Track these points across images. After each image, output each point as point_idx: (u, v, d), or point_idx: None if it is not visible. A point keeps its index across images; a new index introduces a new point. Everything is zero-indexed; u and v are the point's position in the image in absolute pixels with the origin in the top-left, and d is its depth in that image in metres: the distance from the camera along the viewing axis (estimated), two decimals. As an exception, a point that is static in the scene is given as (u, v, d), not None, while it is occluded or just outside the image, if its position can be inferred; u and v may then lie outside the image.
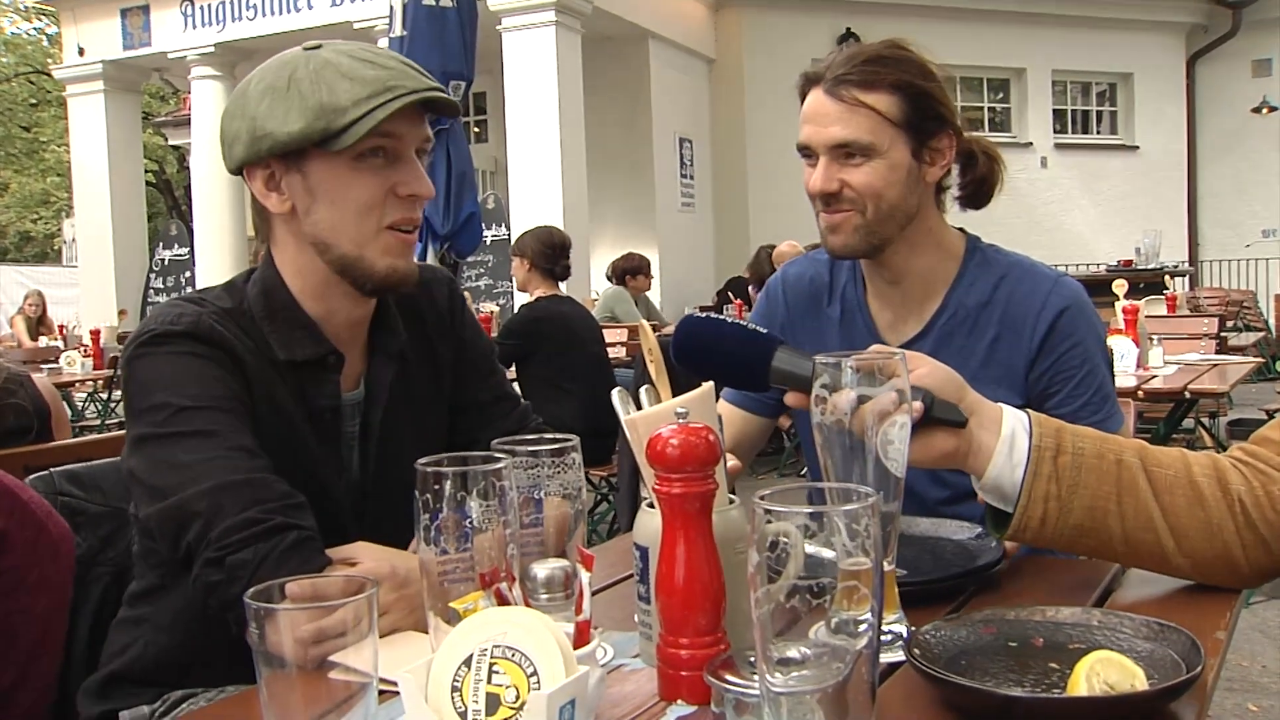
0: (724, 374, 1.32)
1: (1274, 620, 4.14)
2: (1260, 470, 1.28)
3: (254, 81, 1.45)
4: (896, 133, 1.72)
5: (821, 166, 1.75)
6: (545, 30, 11.03)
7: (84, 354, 8.18)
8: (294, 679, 0.85)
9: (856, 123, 1.71)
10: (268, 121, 1.40)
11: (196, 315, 1.42)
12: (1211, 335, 5.94)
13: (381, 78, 1.40)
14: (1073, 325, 1.77)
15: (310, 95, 1.39)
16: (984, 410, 1.25)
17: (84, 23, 14.02)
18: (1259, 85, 15.93)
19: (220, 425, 1.35)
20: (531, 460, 1.12)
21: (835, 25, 14.40)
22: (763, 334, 1.27)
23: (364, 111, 1.38)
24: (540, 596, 1.06)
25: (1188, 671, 0.96)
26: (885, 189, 1.72)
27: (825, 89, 1.74)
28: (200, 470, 1.30)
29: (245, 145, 1.43)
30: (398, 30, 5.29)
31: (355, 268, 1.45)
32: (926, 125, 1.74)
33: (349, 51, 1.44)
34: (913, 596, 1.24)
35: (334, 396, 1.50)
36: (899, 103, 1.71)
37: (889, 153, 1.72)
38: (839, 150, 1.73)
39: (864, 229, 1.74)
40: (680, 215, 13.53)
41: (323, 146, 1.40)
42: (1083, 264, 13.14)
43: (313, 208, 1.44)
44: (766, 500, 0.82)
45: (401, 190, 1.44)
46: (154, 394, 1.36)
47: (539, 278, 5.13)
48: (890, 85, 1.71)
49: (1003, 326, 1.79)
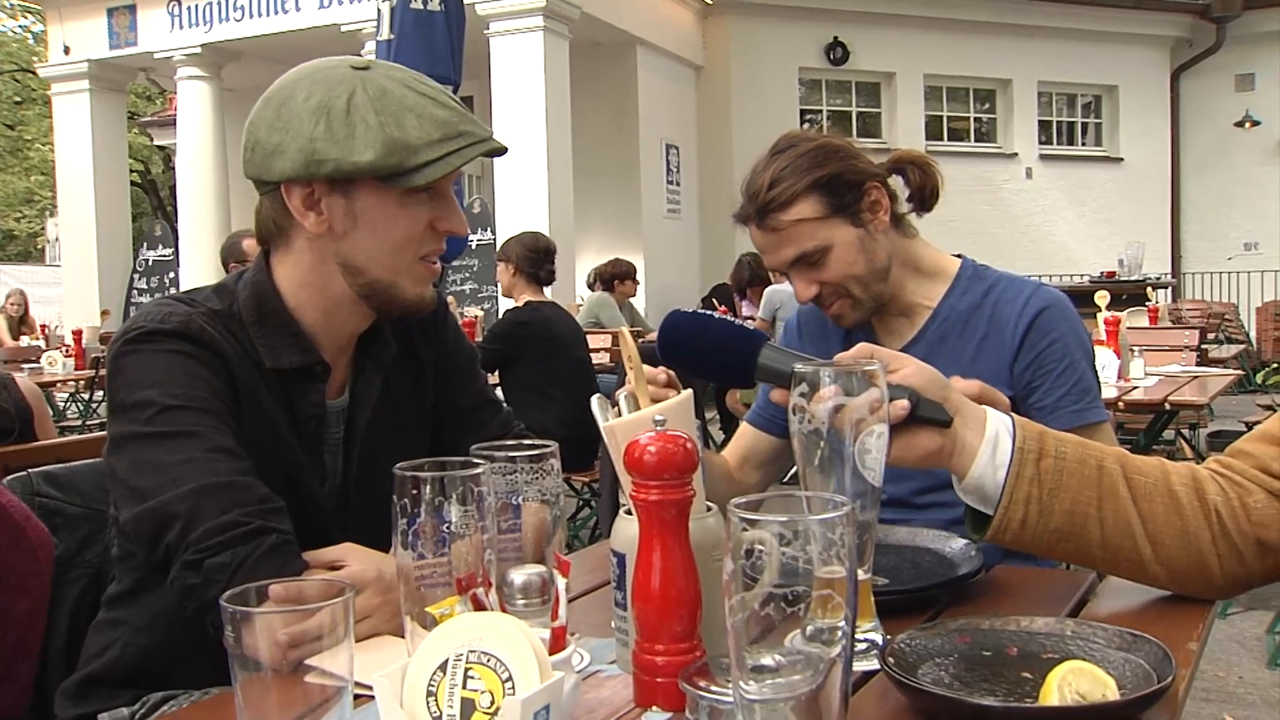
0: (709, 370, 1.33)
1: (1251, 632, 4.17)
2: (1236, 482, 1.29)
3: (300, 95, 1.39)
4: (831, 222, 1.86)
5: (796, 282, 1.93)
6: (533, 35, 11.04)
7: (66, 354, 8.13)
8: (269, 682, 0.85)
9: (794, 238, 1.86)
10: (330, 147, 1.37)
11: (187, 315, 1.41)
12: (1192, 347, 5.97)
13: (451, 121, 1.41)
14: (1052, 323, 1.88)
15: (377, 127, 1.37)
16: (968, 411, 1.26)
17: (70, 21, 13.97)
18: (1242, 99, 16.04)
19: (204, 426, 1.35)
20: (510, 466, 1.12)
21: (822, 34, 14.46)
22: (749, 330, 1.28)
23: (438, 155, 1.39)
24: (517, 602, 1.06)
25: (1159, 682, 0.97)
26: (853, 268, 1.88)
27: (756, 225, 1.90)
28: (182, 472, 1.30)
29: (295, 164, 1.38)
30: (385, 34, 5.29)
31: (385, 294, 1.47)
32: (848, 197, 1.87)
33: (403, 80, 1.43)
34: (889, 605, 1.24)
35: (319, 405, 1.50)
36: (817, 200, 1.85)
37: (837, 241, 1.86)
38: (799, 263, 1.89)
39: (859, 305, 1.92)
40: (666, 222, 13.55)
41: (386, 182, 1.40)
42: (1067, 275, 13.22)
43: (352, 233, 1.43)
44: (742, 508, 0.82)
45: (441, 226, 1.47)
46: (139, 391, 1.36)
47: (524, 283, 5.13)
48: (801, 193, 1.84)
49: (990, 327, 1.90)
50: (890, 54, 14.64)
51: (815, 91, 15.08)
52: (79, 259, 14.18)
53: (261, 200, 1.48)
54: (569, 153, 11.45)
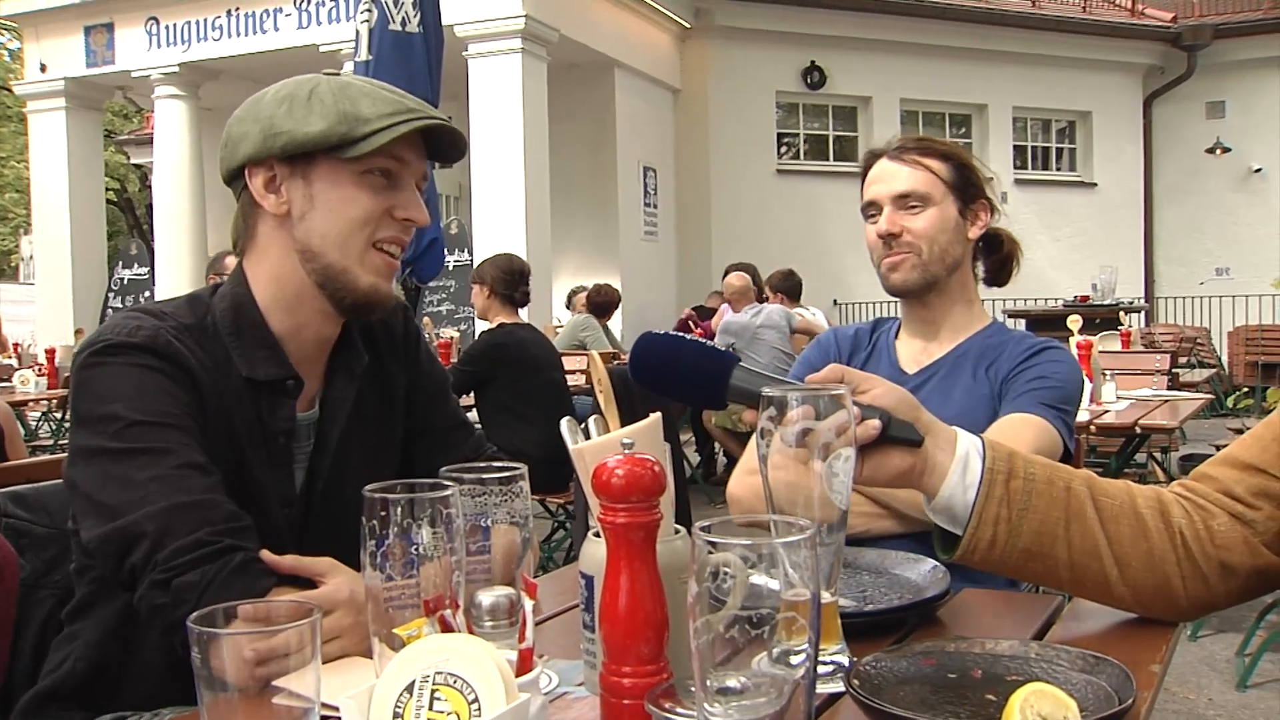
0: (682, 391, 1.34)
1: (1220, 654, 4.19)
2: (1200, 505, 1.31)
3: (270, 92, 1.48)
4: (947, 190, 2.05)
5: (886, 214, 2.06)
6: (511, 58, 11.09)
7: (39, 373, 8.07)
8: (236, 703, 0.85)
9: (916, 177, 2.05)
10: (285, 122, 1.43)
11: (155, 329, 1.41)
12: (1164, 371, 6.02)
13: (403, 102, 1.47)
14: (1049, 356, 2.04)
15: (333, 104, 1.43)
16: (939, 431, 1.27)
17: (46, 39, 13.93)
18: (1213, 127, 16.25)
19: (172, 442, 1.34)
20: (479, 488, 1.13)
21: (800, 58, 14.57)
22: (720, 351, 1.29)
23: (386, 124, 1.43)
24: (484, 624, 1.06)
25: (1120, 703, 0.98)
26: (938, 234, 2.04)
27: (889, 156, 2.09)
28: (151, 489, 1.30)
29: (254, 142, 1.44)
30: (364, 55, 5.28)
31: (338, 280, 1.47)
32: (969, 190, 2.08)
33: (370, 81, 1.50)
34: (856, 628, 1.25)
35: (289, 419, 1.50)
36: (949, 168, 2.06)
37: (941, 205, 2.05)
38: (901, 200, 2.05)
39: (920, 268, 2.06)
40: (643, 244, 13.59)
41: (336, 152, 1.43)
42: (1041, 299, 13.29)
43: (309, 214, 1.46)
44: (708, 531, 0.83)
45: (399, 213, 1.48)
46: (106, 405, 1.35)
47: (499, 305, 5.14)
48: (941, 154, 2.07)
49: (997, 353, 2.08)
50: (867, 78, 14.76)
51: (793, 115, 15.18)
52: (53, 277, 14.09)
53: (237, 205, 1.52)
54: (547, 174, 11.48)
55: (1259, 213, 16.21)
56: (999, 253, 2.17)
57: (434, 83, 5.26)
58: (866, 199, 2.10)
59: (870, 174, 2.11)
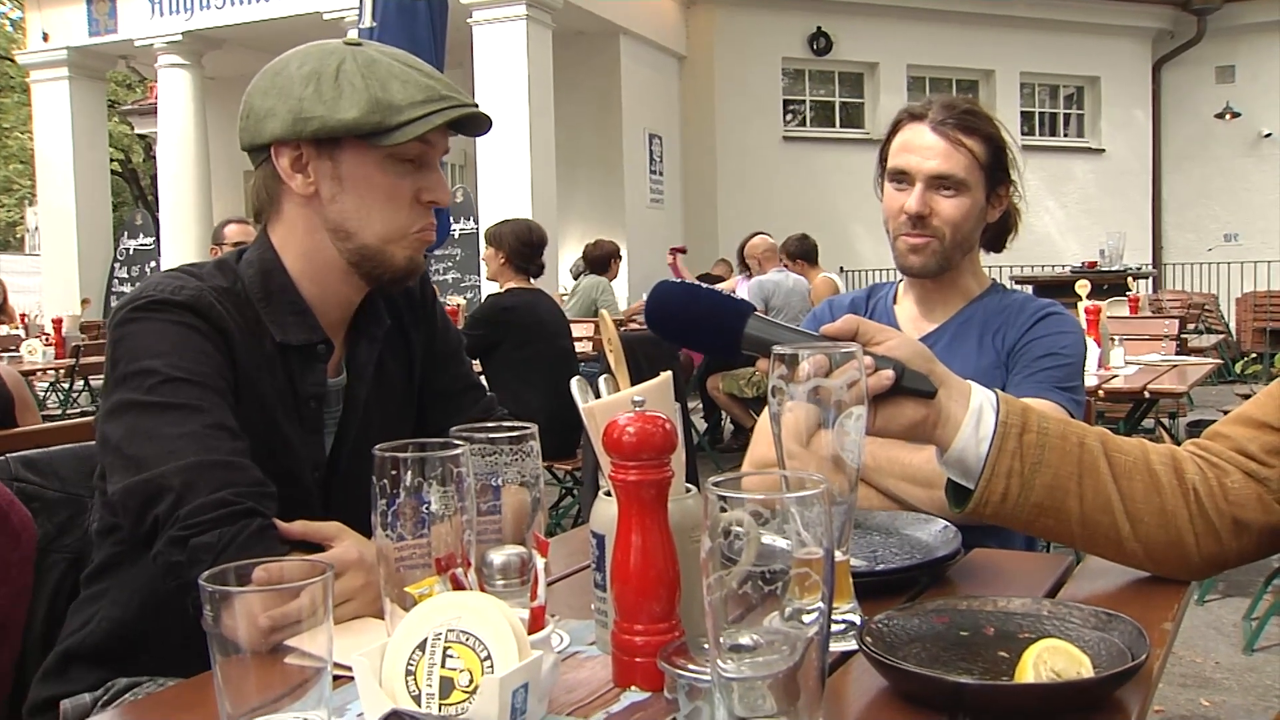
0: (696, 340, 1.34)
1: (1227, 618, 4.20)
2: (1214, 463, 1.30)
3: (294, 64, 1.45)
4: (980, 175, 2.00)
5: (918, 192, 1.99)
6: (516, 24, 11.01)
7: (46, 343, 8.07)
8: (248, 663, 0.86)
9: (956, 159, 1.97)
10: (316, 106, 1.41)
11: (198, 289, 1.42)
12: (1172, 337, 6.00)
13: (434, 87, 1.45)
14: (1052, 324, 2.02)
15: (363, 89, 1.41)
16: (953, 383, 1.27)
17: (49, 8, 13.87)
18: (1222, 91, 16.11)
19: (206, 402, 1.35)
20: (490, 447, 1.12)
21: (806, 24, 14.46)
22: (736, 301, 1.28)
23: (419, 114, 1.42)
24: (496, 582, 1.06)
25: (1133, 660, 0.98)
26: (963, 222, 2.00)
27: (930, 125, 1.99)
28: (180, 445, 1.30)
29: (284, 124, 1.43)
30: (367, 21, 5.25)
31: (375, 258, 1.48)
32: (999, 174, 2.03)
33: (393, 55, 1.47)
34: (868, 587, 1.25)
35: (320, 384, 1.52)
36: (987, 151, 1.99)
37: (974, 191, 2.00)
38: (936, 181, 1.98)
39: (940, 254, 2.01)
40: (649, 211, 13.54)
41: (368, 140, 1.42)
42: (1049, 265, 13.25)
43: (339, 196, 1.46)
44: (720, 487, 0.83)
45: (425, 196, 1.48)
46: (143, 360, 1.35)
47: (512, 272, 5.11)
48: (983, 135, 2.00)
49: (1002, 319, 2.05)
50: (873, 44, 14.66)
51: (799, 82, 15.09)
52: (59, 248, 14.10)
53: (255, 174, 1.51)
54: (552, 142, 11.43)
55: (1268, 178, 16.10)
56: (1002, 223, 2.13)
57: (438, 50, 5.23)
58: (898, 165, 2.01)
59: (905, 137, 2.02)
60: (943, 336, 2.06)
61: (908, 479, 1.73)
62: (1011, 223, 2.14)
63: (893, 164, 2.03)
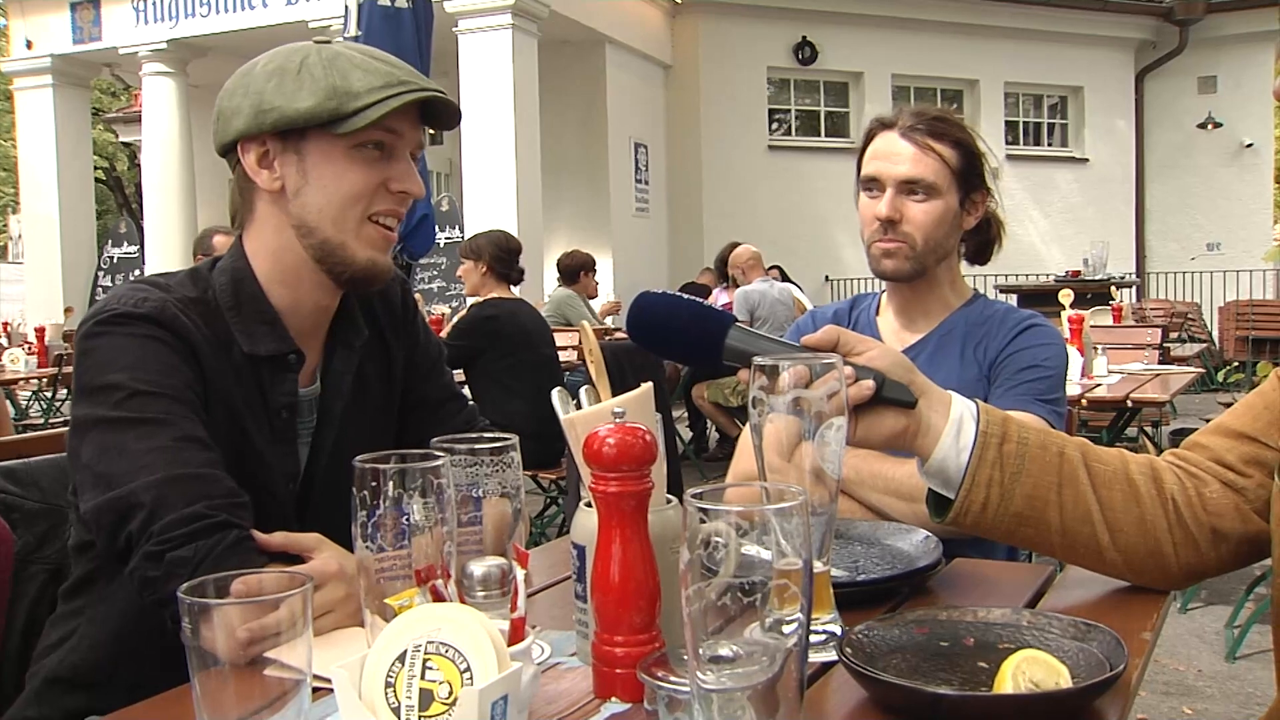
0: (678, 350, 1.34)
1: (1209, 626, 4.21)
2: (1192, 473, 1.32)
3: (260, 64, 1.46)
4: (952, 181, 2.00)
5: (888, 197, 2.00)
6: (502, 33, 11.01)
7: (28, 352, 8.03)
8: (227, 676, 0.85)
9: (926, 164, 1.98)
10: (275, 97, 1.41)
11: (161, 301, 1.40)
12: (1155, 346, 6.03)
13: (395, 73, 1.45)
14: (1034, 336, 2.02)
15: (322, 78, 1.41)
16: (933, 393, 1.27)
17: (32, 15, 13.82)
18: (1204, 101, 16.22)
19: (174, 414, 1.33)
20: (471, 459, 1.12)
21: (791, 34, 14.50)
22: (718, 311, 1.28)
23: (376, 99, 1.41)
24: (476, 594, 1.06)
25: (1111, 670, 0.98)
26: (935, 227, 2.00)
27: (900, 132, 2.01)
28: (150, 460, 1.29)
29: (246, 118, 1.43)
30: (352, 30, 5.27)
31: (335, 254, 1.47)
32: (973, 180, 2.04)
33: (360, 49, 1.48)
34: (848, 598, 1.25)
35: (291, 394, 1.50)
36: (958, 156, 2.00)
37: (945, 196, 2.00)
38: (905, 186, 1.99)
39: (912, 259, 2.02)
40: (635, 220, 13.55)
41: (328, 128, 1.41)
42: (1033, 274, 13.31)
43: (303, 189, 1.45)
44: (700, 499, 0.83)
45: (394, 185, 1.47)
46: (108, 374, 1.34)
47: (494, 281, 5.11)
48: (953, 140, 2.01)
49: (984, 331, 2.06)
50: (858, 54, 14.70)
51: (784, 91, 15.13)
52: (42, 256, 14.03)
53: (232, 181, 1.51)
54: (537, 151, 11.43)
55: (1250, 188, 16.21)
56: (984, 234, 2.14)
57: (423, 59, 5.24)
58: (869, 172, 2.03)
59: (876, 145, 2.04)
60: (925, 348, 2.06)
61: (890, 493, 1.73)
62: (994, 233, 2.14)
63: (865, 172, 2.05)
